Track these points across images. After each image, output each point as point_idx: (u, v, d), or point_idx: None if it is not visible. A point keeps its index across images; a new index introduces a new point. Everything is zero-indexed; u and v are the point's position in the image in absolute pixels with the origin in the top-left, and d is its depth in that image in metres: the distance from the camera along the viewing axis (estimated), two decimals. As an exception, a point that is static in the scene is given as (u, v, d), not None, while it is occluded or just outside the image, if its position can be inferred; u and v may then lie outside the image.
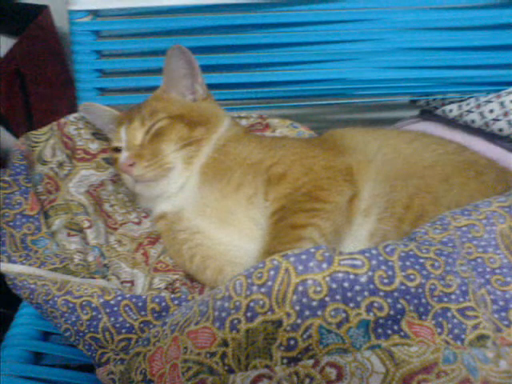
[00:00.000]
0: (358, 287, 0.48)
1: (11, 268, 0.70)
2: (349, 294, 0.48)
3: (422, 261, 0.50)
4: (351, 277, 0.48)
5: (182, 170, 0.76)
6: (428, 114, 1.00)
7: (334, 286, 0.48)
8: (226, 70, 0.96)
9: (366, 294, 0.48)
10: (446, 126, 0.95)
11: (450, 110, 0.92)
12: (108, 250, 0.80)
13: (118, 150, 0.78)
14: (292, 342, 0.47)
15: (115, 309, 0.62)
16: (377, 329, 0.46)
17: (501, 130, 0.86)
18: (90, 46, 0.95)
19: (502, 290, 0.50)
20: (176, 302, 0.63)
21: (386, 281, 0.48)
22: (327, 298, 0.48)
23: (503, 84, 0.89)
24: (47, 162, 0.85)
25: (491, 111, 0.86)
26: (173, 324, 0.53)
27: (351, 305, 0.47)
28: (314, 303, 0.47)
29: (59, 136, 0.88)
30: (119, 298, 0.63)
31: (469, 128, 0.91)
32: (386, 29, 0.92)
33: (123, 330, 0.60)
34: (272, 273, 0.50)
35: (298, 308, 0.47)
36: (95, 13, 0.94)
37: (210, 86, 0.84)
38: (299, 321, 0.47)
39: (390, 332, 0.46)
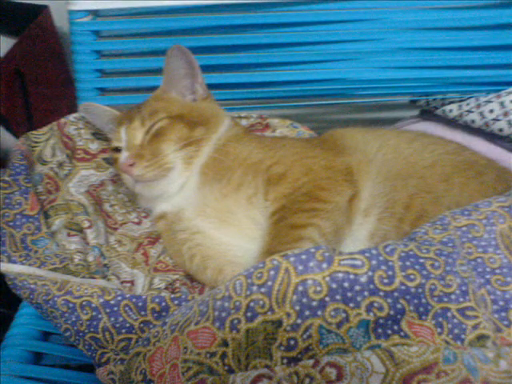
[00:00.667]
0: (358, 287, 0.48)
1: (11, 268, 0.70)
2: (349, 294, 0.48)
3: (422, 261, 0.50)
4: (351, 277, 0.48)
5: (182, 170, 0.76)
6: (428, 114, 1.00)
7: (334, 285, 0.48)
8: (226, 70, 0.96)
9: (366, 293, 0.48)
10: (446, 125, 0.96)
11: (450, 110, 0.92)
12: (108, 250, 0.80)
13: (118, 149, 0.78)
14: (292, 342, 0.47)
15: (115, 309, 0.62)
16: (377, 329, 0.46)
17: (501, 130, 0.86)
18: (90, 46, 0.95)
19: (502, 290, 0.50)
20: (176, 302, 0.63)
21: (386, 281, 0.48)
22: (327, 298, 0.48)
23: (503, 84, 0.89)
24: (47, 162, 0.85)
25: (491, 111, 0.86)
26: (173, 324, 0.53)
27: (351, 305, 0.47)
28: (314, 303, 0.47)
29: (59, 136, 0.88)
30: (119, 298, 0.63)
31: (469, 128, 0.91)
32: (385, 29, 0.92)
33: (123, 330, 0.60)
34: (272, 273, 0.50)
35: (298, 308, 0.47)
36: (95, 13, 0.94)
37: (210, 86, 0.84)
38: (299, 321, 0.47)
39: (389, 332, 0.46)
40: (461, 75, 0.93)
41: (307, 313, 0.47)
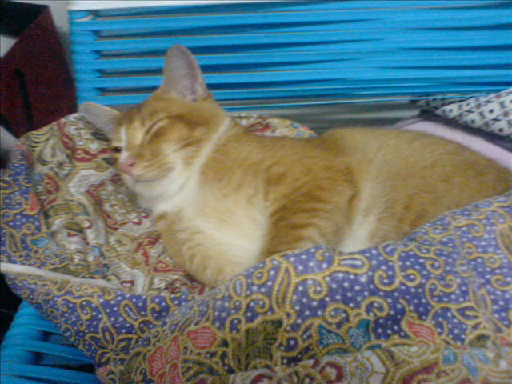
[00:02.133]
0: (357, 287, 0.48)
1: (11, 268, 0.70)
2: (349, 294, 0.48)
3: (422, 261, 0.50)
4: (351, 277, 0.48)
5: (182, 170, 0.76)
6: (428, 114, 1.00)
7: (334, 285, 0.48)
8: (226, 69, 0.96)
9: (365, 293, 0.48)
10: (446, 125, 0.96)
11: (450, 110, 0.92)
12: (108, 250, 0.80)
13: (118, 150, 0.78)
14: (292, 342, 0.47)
15: (115, 309, 0.62)
16: (377, 329, 0.46)
17: (501, 130, 0.86)
18: (90, 46, 0.95)
19: (502, 290, 0.49)
20: (176, 302, 0.63)
21: (385, 281, 0.48)
22: (327, 298, 0.48)
23: (503, 84, 0.89)
24: (47, 162, 0.85)
25: (491, 111, 0.86)
26: (173, 324, 0.53)
27: (351, 305, 0.47)
28: (314, 303, 0.47)
29: (59, 136, 0.88)
30: (119, 298, 0.63)
31: (469, 128, 0.91)
32: (385, 29, 0.92)
33: (123, 330, 0.60)
34: (272, 273, 0.50)
35: (298, 308, 0.47)
36: (95, 13, 0.94)
37: (210, 86, 0.84)
38: (299, 321, 0.47)
39: (390, 332, 0.46)
40: (461, 75, 0.93)
41: (307, 313, 0.47)
